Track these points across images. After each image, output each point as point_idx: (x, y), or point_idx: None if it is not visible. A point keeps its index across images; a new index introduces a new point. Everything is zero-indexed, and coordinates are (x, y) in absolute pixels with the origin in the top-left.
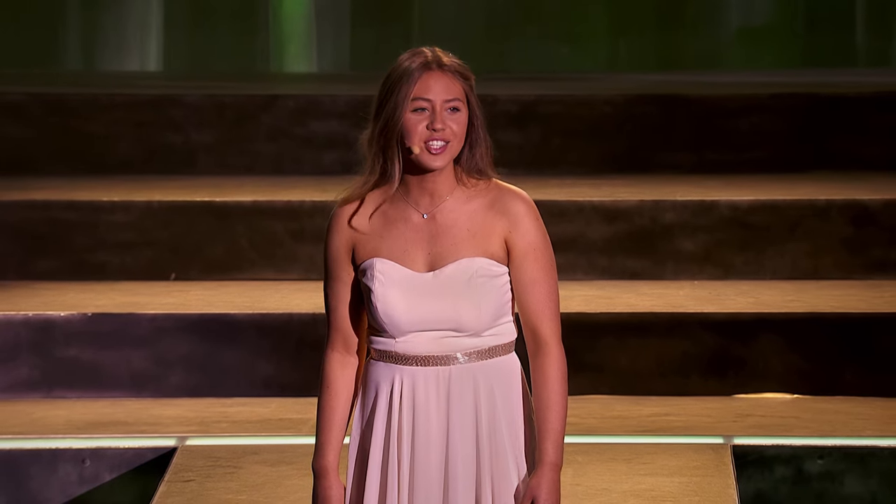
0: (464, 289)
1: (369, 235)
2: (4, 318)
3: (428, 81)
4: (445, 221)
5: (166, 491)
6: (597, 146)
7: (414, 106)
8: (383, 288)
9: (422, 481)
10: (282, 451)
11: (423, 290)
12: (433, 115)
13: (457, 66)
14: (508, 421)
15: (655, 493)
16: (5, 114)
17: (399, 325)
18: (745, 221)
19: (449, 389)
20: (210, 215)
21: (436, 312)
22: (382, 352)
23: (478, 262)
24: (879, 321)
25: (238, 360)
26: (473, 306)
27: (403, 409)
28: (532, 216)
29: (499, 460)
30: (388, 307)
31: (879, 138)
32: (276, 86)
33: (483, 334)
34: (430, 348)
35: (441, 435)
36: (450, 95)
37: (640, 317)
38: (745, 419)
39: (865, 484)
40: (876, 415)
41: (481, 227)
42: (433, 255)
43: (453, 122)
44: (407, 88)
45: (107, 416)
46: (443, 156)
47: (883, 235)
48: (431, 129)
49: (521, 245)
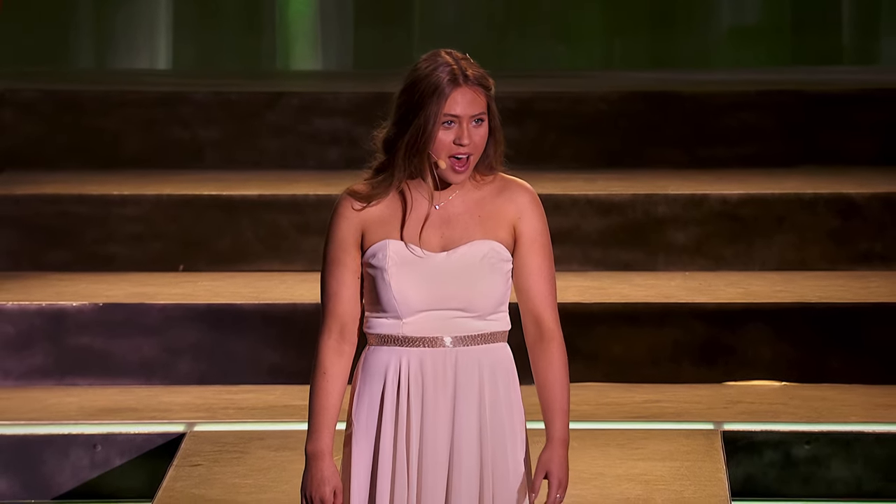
0: (477, 269)
1: (380, 222)
2: (19, 308)
3: (456, 97)
4: (456, 209)
5: (175, 475)
6: (591, 142)
7: (443, 121)
8: (397, 267)
9: (429, 462)
10: (286, 437)
11: (436, 270)
12: (460, 129)
13: (479, 77)
14: (508, 403)
15: (648, 477)
16: (19, 110)
17: (412, 305)
18: (735, 214)
19: (456, 371)
20: (217, 209)
21: (449, 291)
22: (386, 336)
23: (490, 244)
24: (865, 311)
25: (244, 348)
26: (484, 286)
27: (412, 391)
28: (538, 207)
29: (499, 441)
30: (402, 286)
31: (865, 134)
32: (281, 83)
33: (487, 318)
34: (438, 329)
35: (447, 415)
36: (476, 110)
37: (634, 307)
38: (735, 406)
39: (850, 468)
40: (861, 401)
41: (491, 214)
42: (445, 239)
43: (476, 135)
44: (438, 105)
45: (117, 402)
46: (465, 172)
47: (868, 228)
48: (458, 144)
49: (529, 233)
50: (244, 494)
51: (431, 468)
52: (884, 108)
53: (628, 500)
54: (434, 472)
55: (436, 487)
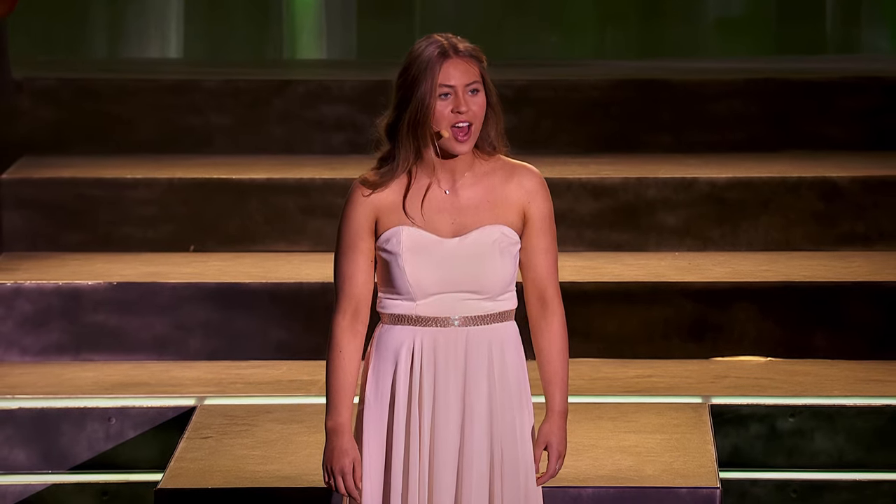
0: (488, 253)
1: (393, 208)
2: (37, 287)
3: (449, 69)
4: (467, 194)
5: (186, 447)
6: (585, 128)
7: (440, 92)
8: (411, 252)
9: (441, 436)
10: (293, 410)
11: (449, 254)
12: (456, 99)
13: (471, 50)
14: (516, 379)
15: (640, 449)
16: (38, 98)
17: (425, 288)
18: (722, 197)
19: (466, 349)
20: (226, 192)
21: (461, 275)
22: (400, 316)
23: (500, 229)
24: (846, 289)
25: (252, 325)
26: (495, 270)
27: (424, 368)
28: (545, 190)
29: (507, 416)
30: (416, 269)
31: (846, 120)
32: (287, 72)
33: (497, 298)
34: (450, 310)
35: (458, 391)
36: (469, 79)
37: (626, 286)
38: (722, 380)
39: (833, 440)
40: (842, 376)
41: (501, 199)
42: (457, 224)
43: (474, 104)
44: (433, 78)
45: (131, 377)
46: (468, 141)
47: (850, 210)
48: (457, 112)
49: (538, 215)
50: (252, 465)
51: (443, 443)
52: (864, 96)
53: (620, 470)
54: (445, 446)
55: (447, 461)
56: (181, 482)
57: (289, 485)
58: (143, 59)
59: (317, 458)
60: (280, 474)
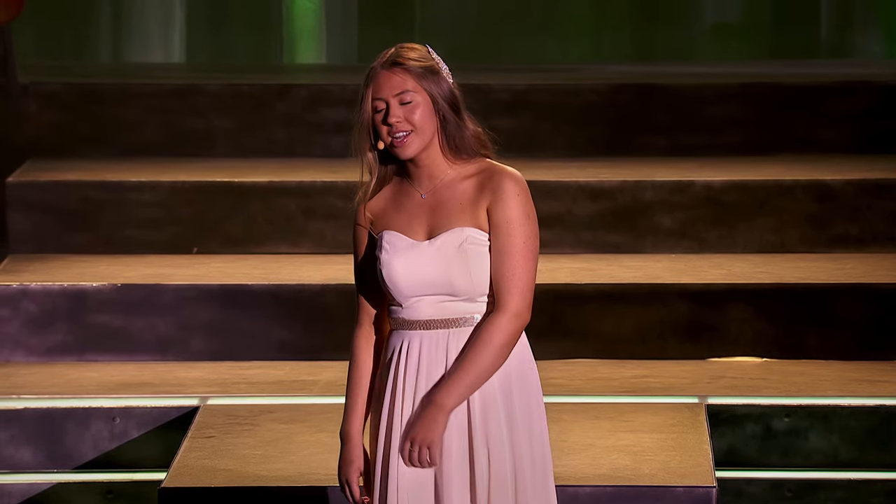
0: (455, 255)
1: (381, 214)
2: (42, 288)
3: (379, 81)
4: (442, 197)
5: (189, 446)
6: (582, 131)
7: (374, 107)
8: (388, 256)
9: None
10: (294, 410)
11: (420, 256)
12: (387, 110)
13: (411, 60)
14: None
15: (636, 449)
16: (43, 102)
17: (401, 290)
18: (718, 199)
19: (447, 352)
20: (229, 194)
21: (431, 276)
22: (395, 320)
23: (468, 231)
24: (840, 291)
25: (254, 326)
26: (463, 271)
27: (408, 369)
28: (515, 193)
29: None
30: (390, 272)
31: (840, 123)
32: (289, 76)
33: (477, 300)
34: (432, 312)
35: None
36: (398, 90)
37: (622, 287)
38: (718, 381)
39: (827, 439)
40: (837, 376)
41: (471, 201)
42: (431, 227)
43: (409, 114)
44: (367, 92)
45: (135, 377)
46: (408, 146)
47: (843, 212)
48: (387, 124)
49: (497, 217)
50: (254, 464)
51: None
52: (858, 99)
53: (617, 469)
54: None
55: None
56: (184, 481)
57: (291, 484)
58: (147, 64)
59: (318, 457)
60: (282, 473)
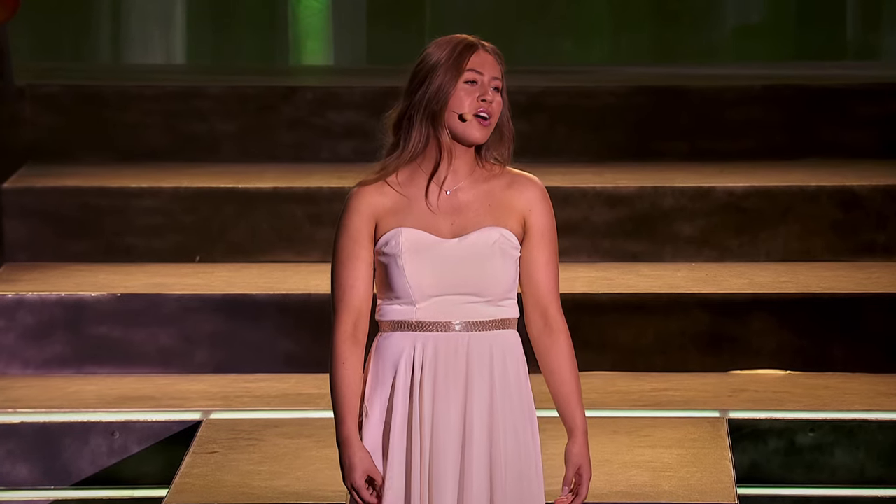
0: (488, 254)
1: (392, 210)
2: (39, 298)
3: (480, 57)
4: (467, 197)
5: (192, 462)
6: (599, 135)
7: (467, 77)
8: (410, 254)
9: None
10: (301, 425)
11: (448, 255)
12: (482, 88)
13: (497, 50)
14: (518, 389)
15: (655, 464)
16: (41, 105)
17: (425, 290)
18: (740, 206)
19: (468, 355)
20: (233, 201)
21: (461, 277)
22: (399, 321)
23: (501, 231)
24: (867, 300)
25: (259, 338)
26: (496, 272)
27: (425, 375)
28: (547, 201)
29: (510, 425)
30: (415, 271)
31: (867, 126)
32: (295, 78)
33: (498, 304)
34: (450, 314)
35: (459, 399)
36: (496, 73)
37: (641, 297)
38: (740, 394)
39: (853, 455)
40: (863, 389)
41: (501, 204)
42: (456, 226)
43: (495, 101)
44: (460, 61)
45: (135, 390)
46: (486, 129)
47: (870, 219)
48: (481, 100)
49: (538, 226)
50: (259, 481)
51: (442, 453)
52: (885, 102)
53: (636, 486)
54: (445, 456)
55: (447, 471)
56: (186, 498)
57: (297, 501)
58: (148, 65)
59: (325, 473)
60: (288, 490)
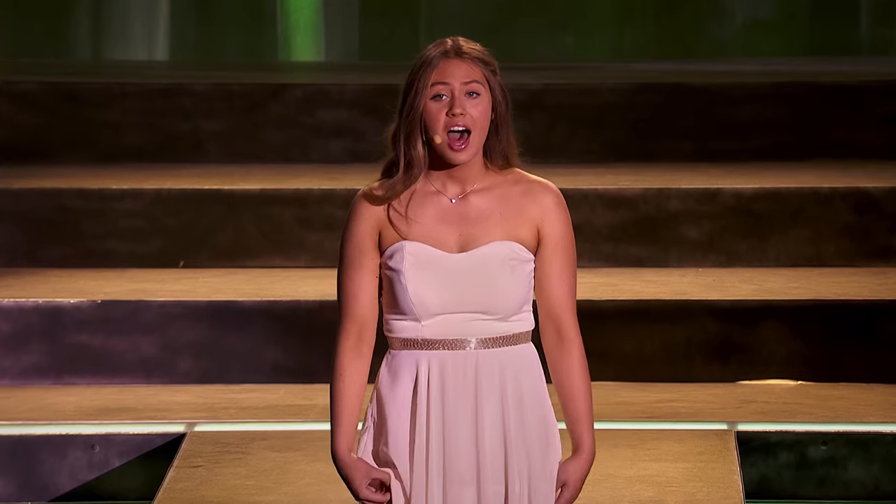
0: (497, 271)
1: (397, 221)
2: (15, 305)
3: (446, 67)
4: (476, 205)
5: (175, 476)
6: (601, 134)
7: (433, 92)
8: (414, 269)
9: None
10: (289, 437)
11: (454, 271)
12: (452, 100)
13: (477, 52)
14: (533, 403)
15: (660, 479)
16: (17, 103)
17: (429, 307)
18: (749, 209)
19: (477, 373)
20: (219, 203)
21: (467, 294)
22: (407, 339)
23: (511, 246)
24: (881, 308)
25: (246, 346)
26: (505, 289)
27: (432, 395)
28: (563, 208)
29: (525, 442)
30: (419, 288)
31: (881, 126)
32: (284, 75)
33: (510, 319)
34: (457, 331)
35: (470, 419)
36: (467, 78)
37: (645, 304)
38: (749, 405)
39: (868, 469)
40: (878, 401)
41: (513, 213)
42: (464, 238)
43: (473, 108)
44: (426, 76)
45: (116, 402)
46: (466, 151)
47: (884, 223)
48: (450, 115)
49: (553, 235)
50: (246, 496)
51: (457, 476)
52: None
53: (640, 501)
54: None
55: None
56: None
57: None
58: (129, 62)
59: (315, 488)
60: None
